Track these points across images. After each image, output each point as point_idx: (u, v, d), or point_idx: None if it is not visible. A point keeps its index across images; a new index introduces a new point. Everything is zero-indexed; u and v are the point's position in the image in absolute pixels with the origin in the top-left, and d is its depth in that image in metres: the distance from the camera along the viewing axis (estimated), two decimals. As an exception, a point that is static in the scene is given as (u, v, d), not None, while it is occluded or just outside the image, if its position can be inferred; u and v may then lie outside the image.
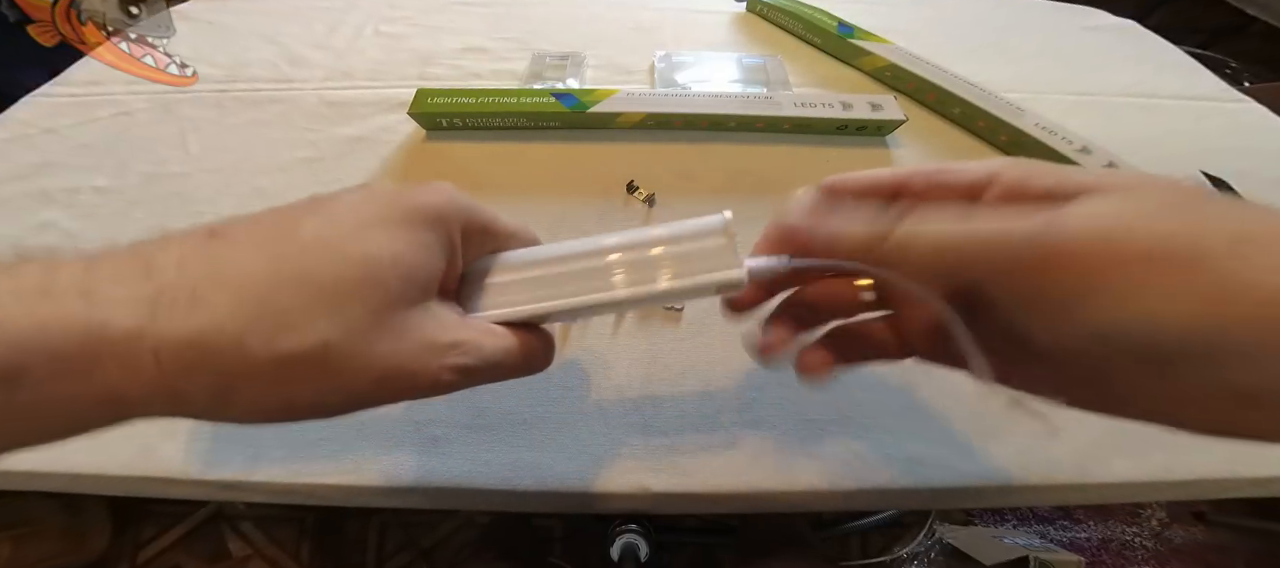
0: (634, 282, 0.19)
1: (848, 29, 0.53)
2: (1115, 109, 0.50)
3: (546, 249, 0.20)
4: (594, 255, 0.19)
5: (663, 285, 0.19)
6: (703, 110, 0.44)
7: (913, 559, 0.84)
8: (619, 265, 0.19)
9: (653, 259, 0.19)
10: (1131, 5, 0.68)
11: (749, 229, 0.21)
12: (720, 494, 0.28)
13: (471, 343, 0.17)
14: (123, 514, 0.83)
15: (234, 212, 0.16)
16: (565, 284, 0.19)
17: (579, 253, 0.19)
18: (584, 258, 0.19)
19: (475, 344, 0.17)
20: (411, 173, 0.42)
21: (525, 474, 0.28)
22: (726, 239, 0.19)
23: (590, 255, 0.19)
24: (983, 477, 0.28)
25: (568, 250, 0.20)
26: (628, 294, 0.19)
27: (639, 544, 0.53)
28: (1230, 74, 0.93)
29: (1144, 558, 0.84)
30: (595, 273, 0.19)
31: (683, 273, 0.19)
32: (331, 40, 0.55)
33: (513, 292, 0.19)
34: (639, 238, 0.19)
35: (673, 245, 0.19)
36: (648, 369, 0.31)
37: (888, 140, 0.45)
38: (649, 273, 0.19)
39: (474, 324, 0.18)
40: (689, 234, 0.19)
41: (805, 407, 0.30)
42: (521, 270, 0.20)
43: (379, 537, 0.85)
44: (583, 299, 0.19)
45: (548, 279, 0.19)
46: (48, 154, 0.43)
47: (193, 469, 0.27)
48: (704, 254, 0.19)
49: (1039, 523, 0.87)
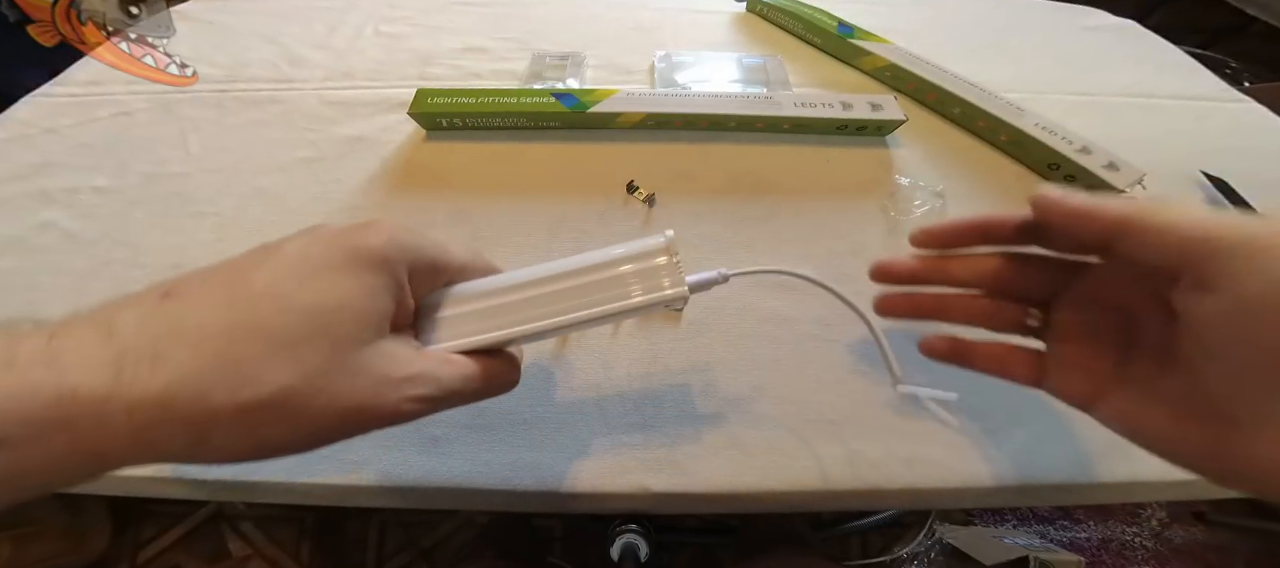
0: (583, 305, 0.20)
1: (848, 29, 0.53)
2: (1115, 109, 0.50)
3: (497, 279, 0.21)
4: (544, 283, 0.21)
5: (610, 307, 0.20)
6: (703, 110, 0.44)
7: (913, 559, 0.84)
8: (569, 291, 0.20)
9: (601, 282, 0.20)
10: (1131, 5, 0.68)
11: (749, 229, 0.21)
12: (720, 494, 0.28)
13: (428, 374, 0.18)
14: (123, 514, 0.83)
15: (234, 211, 0.17)
16: (517, 312, 0.20)
17: (530, 281, 0.21)
18: (534, 286, 0.21)
19: (432, 375, 0.18)
20: (411, 173, 0.42)
21: (525, 474, 0.28)
22: (669, 258, 0.20)
23: (540, 283, 0.21)
24: (983, 477, 0.28)
25: (519, 279, 0.21)
26: (577, 316, 0.20)
27: (639, 544, 0.53)
28: (1230, 74, 0.93)
29: (1144, 558, 0.84)
30: (545, 299, 0.20)
31: (630, 293, 0.20)
32: (331, 40, 0.55)
33: (468, 322, 0.20)
34: (587, 263, 0.21)
35: (620, 267, 0.20)
36: (648, 369, 0.31)
37: (888, 140, 0.45)
38: (598, 295, 0.20)
39: (430, 355, 0.19)
40: (635, 255, 0.21)
41: (805, 407, 0.30)
42: (474, 301, 0.21)
43: (379, 537, 0.85)
44: (534, 326, 0.20)
45: (501, 308, 0.20)
46: (48, 154, 0.43)
47: (193, 469, 0.27)
48: (649, 273, 0.20)
49: (1039, 523, 0.87)
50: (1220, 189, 0.41)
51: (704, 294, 0.23)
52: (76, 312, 0.15)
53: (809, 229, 0.38)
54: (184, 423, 0.14)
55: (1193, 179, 0.43)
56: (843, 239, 0.37)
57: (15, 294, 0.34)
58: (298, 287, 0.16)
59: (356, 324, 0.17)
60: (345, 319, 0.16)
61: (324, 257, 0.17)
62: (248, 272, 0.16)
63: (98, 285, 0.35)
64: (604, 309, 0.20)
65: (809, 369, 0.31)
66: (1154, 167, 0.39)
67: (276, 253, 0.17)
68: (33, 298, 0.34)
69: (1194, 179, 0.43)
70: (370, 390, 0.17)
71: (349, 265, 0.17)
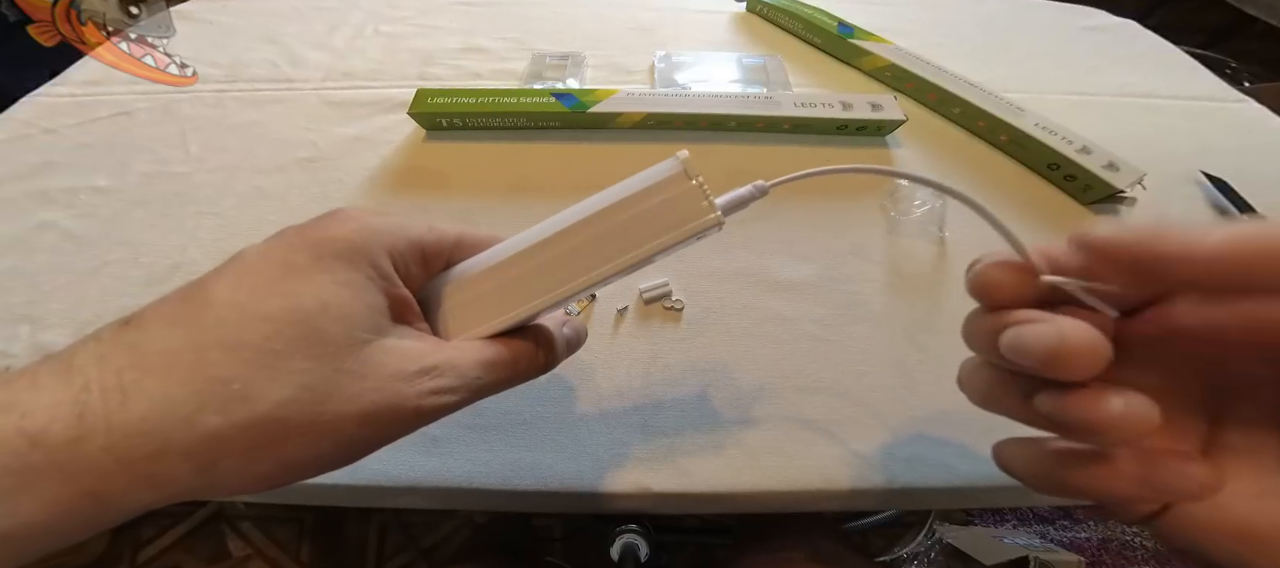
0: (606, 258, 0.18)
1: (848, 29, 0.53)
2: (1115, 109, 0.50)
3: (501, 249, 0.19)
4: (556, 242, 0.18)
5: (638, 252, 0.18)
6: (703, 110, 0.44)
7: (913, 559, 0.84)
8: (587, 245, 0.18)
9: (621, 226, 0.18)
10: (1131, 5, 0.68)
11: (749, 229, 0.21)
12: (720, 494, 0.27)
13: (444, 364, 0.17)
14: (123, 514, 0.83)
15: (234, 211, 0.16)
16: (532, 282, 0.18)
17: (539, 243, 0.18)
18: (545, 248, 0.18)
19: (449, 364, 0.17)
20: (411, 173, 0.42)
21: (525, 474, 0.28)
22: (692, 183, 0.18)
23: (552, 243, 0.18)
24: (983, 477, 0.28)
25: (526, 244, 0.18)
26: (601, 272, 0.18)
27: (639, 544, 0.53)
28: (1230, 74, 0.93)
29: (1144, 558, 0.84)
30: (562, 260, 0.18)
31: (656, 232, 0.18)
32: (331, 40, 0.55)
33: (479, 305, 0.18)
34: (599, 207, 0.18)
35: (639, 205, 0.18)
36: (648, 369, 0.31)
37: (888, 140, 0.45)
38: (621, 243, 0.18)
39: (445, 344, 0.17)
40: (653, 186, 0.18)
41: (805, 407, 0.30)
42: (481, 280, 0.19)
43: (379, 537, 0.85)
44: (552, 294, 0.18)
45: (513, 281, 0.18)
46: (48, 154, 0.43)
47: (193, 469, 0.27)
48: (674, 203, 0.18)
49: (1039, 523, 0.87)
50: (1220, 189, 0.41)
51: (704, 295, 0.22)
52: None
53: (809, 229, 0.38)
54: (182, 454, 0.13)
55: (1193, 179, 0.43)
56: (843, 239, 0.37)
57: (15, 294, 0.34)
58: (265, 294, 0.15)
59: (345, 323, 0.15)
60: (330, 319, 0.15)
61: (288, 257, 0.16)
62: (205, 286, 0.15)
63: (98, 285, 0.35)
64: (631, 256, 0.18)
65: (809, 369, 0.31)
66: (1154, 167, 0.39)
67: (236, 262, 0.16)
68: (33, 298, 0.34)
69: (1194, 179, 0.43)
70: (384, 390, 0.15)
71: (319, 262, 0.16)
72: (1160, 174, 0.40)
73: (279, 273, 0.15)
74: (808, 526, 0.51)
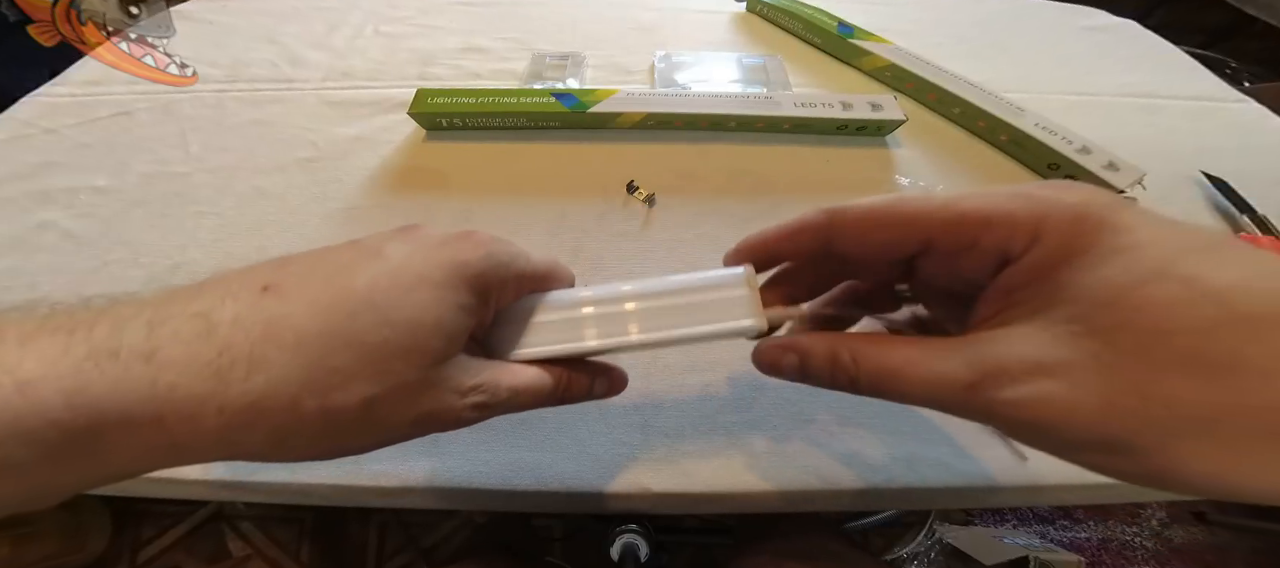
0: (651, 327, 0.20)
1: (848, 29, 0.53)
2: (1115, 109, 0.50)
3: (573, 293, 0.21)
4: (617, 300, 0.20)
5: (680, 332, 0.20)
6: (703, 110, 0.44)
7: (913, 559, 0.84)
8: (640, 312, 0.20)
9: (673, 307, 0.20)
10: (1131, 5, 0.68)
11: (749, 229, 0.21)
12: (720, 494, 0.27)
13: (489, 383, 0.18)
14: (122, 514, 0.83)
15: (234, 211, 0.17)
16: (586, 327, 0.20)
17: (603, 298, 0.20)
18: (608, 303, 0.20)
19: (493, 384, 0.18)
20: (411, 173, 0.42)
21: (525, 474, 0.28)
22: (748, 290, 0.20)
23: (614, 300, 0.20)
24: (983, 477, 0.28)
25: (593, 295, 0.21)
26: (644, 338, 0.20)
27: (639, 545, 0.53)
28: (1230, 74, 0.93)
29: (1144, 558, 0.84)
30: (616, 318, 0.20)
31: (702, 320, 0.20)
32: (331, 40, 0.55)
33: (539, 332, 0.20)
34: (664, 287, 0.20)
35: (693, 295, 0.20)
36: (648, 369, 0.31)
37: (888, 140, 0.45)
38: (671, 319, 0.20)
39: (493, 365, 0.19)
40: (711, 284, 0.20)
41: (805, 407, 0.30)
42: (546, 312, 0.21)
43: (379, 537, 0.85)
44: (598, 343, 0.20)
45: (573, 322, 0.20)
46: (48, 154, 0.43)
47: (193, 469, 0.27)
48: (724, 303, 0.20)
49: (1039, 523, 0.87)
50: (1220, 189, 0.41)
51: None
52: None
53: (809, 229, 0.38)
54: (271, 427, 0.14)
55: (1193, 179, 0.43)
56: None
57: (15, 294, 0.34)
58: (399, 299, 0.16)
59: (447, 341, 0.17)
60: (438, 336, 0.16)
61: (424, 270, 0.17)
62: (349, 272, 0.16)
63: (97, 285, 0.34)
64: (675, 333, 0.20)
65: (809, 369, 0.31)
66: (1154, 167, 0.39)
67: (378, 258, 0.17)
68: (33, 298, 0.34)
69: (1194, 179, 0.43)
70: (441, 400, 0.17)
71: (448, 282, 0.17)
72: (1160, 174, 0.40)
73: (413, 283, 0.16)
74: (808, 526, 0.51)
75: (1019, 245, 0.15)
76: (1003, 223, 0.16)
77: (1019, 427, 0.15)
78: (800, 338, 0.19)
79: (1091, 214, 0.15)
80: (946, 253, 0.17)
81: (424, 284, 0.16)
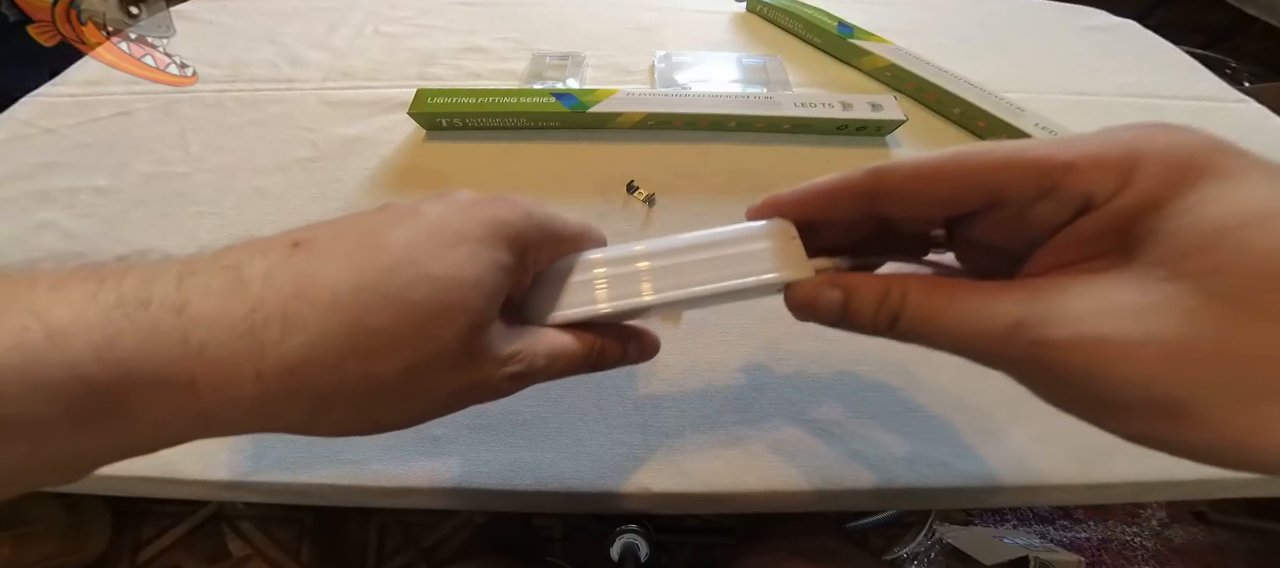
0: (695, 280, 0.19)
1: (848, 29, 0.53)
2: (1115, 109, 0.50)
3: (612, 250, 0.20)
4: (656, 256, 0.20)
5: (724, 285, 0.19)
6: (703, 110, 0.44)
7: (913, 559, 0.84)
8: (683, 266, 0.19)
9: (718, 259, 0.19)
10: (1131, 5, 0.68)
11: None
12: (720, 494, 0.28)
13: (526, 351, 0.17)
14: (123, 514, 0.83)
15: (234, 211, 0.16)
16: (623, 284, 0.19)
17: (640, 253, 0.20)
18: (645, 258, 0.20)
19: (530, 351, 0.18)
20: (411, 173, 0.42)
21: (525, 474, 0.28)
22: (792, 240, 0.19)
23: (652, 256, 0.20)
24: (982, 477, 0.28)
25: (632, 251, 0.20)
26: (688, 293, 0.19)
27: (639, 544, 0.53)
28: (1230, 74, 0.93)
29: (1144, 558, 0.84)
30: (656, 273, 0.19)
31: (744, 272, 0.19)
32: (331, 40, 0.55)
33: (575, 293, 0.20)
34: (703, 239, 0.20)
35: (736, 246, 0.19)
36: (648, 369, 0.31)
37: (888, 140, 0.45)
38: (714, 272, 0.19)
39: (528, 332, 0.18)
40: (750, 234, 0.19)
41: (805, 407, 0.30)
42: (580, 272, 0.20)
43: (379, 537, 0.85)
44: (637, 301, 0.19)
45: (608, 280, 0.20)
46: (48, 154, 0.43)
47: (193, 469, 0.27)
48: (774, 254, 0.19)
49: (1039, 523, 0.87)
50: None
51: None
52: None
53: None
54: (313, 395, 0.14)
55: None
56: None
57: (15, 294, 0.34)
58: (437, 255, 0.15)
59: (487, 300, 0.16)
60: (480, 296, 0.15)
61: (462, 227, 0.16)
62: (384, 230, 0.15)
63: (98, 285, 0.34)
64: (717, 286, 0.19)
65: (809, 369, 0.31)
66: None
67: (414, 216, 0.16)
68: (33, 298, 0.34)
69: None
70: (481, 370, 0.16)
71: (485, 240, 0.16)
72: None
73: (453, 239, 0.16)
74: (808, 525, 0.51)
75: (1107, 190, 0.14)
76: (1089, 166, 0.14)
77: (1063, 375, 0.13)
78: (848, 274, 0.18)
79: (1193, 156, 0.13)
80: (1020, 202, 0.15)
81: (464, 241, 0.16)
